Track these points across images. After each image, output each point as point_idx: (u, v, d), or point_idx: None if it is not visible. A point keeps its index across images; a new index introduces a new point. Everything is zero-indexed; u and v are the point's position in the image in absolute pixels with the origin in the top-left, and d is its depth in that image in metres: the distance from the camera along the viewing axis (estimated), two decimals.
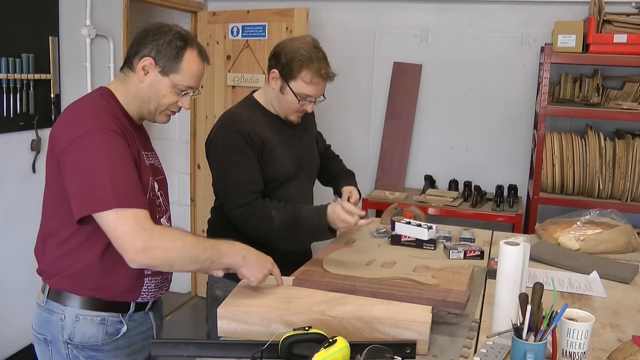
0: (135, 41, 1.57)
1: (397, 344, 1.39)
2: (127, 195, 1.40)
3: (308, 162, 2.22)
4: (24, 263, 2.96)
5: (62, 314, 1.53)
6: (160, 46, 1.53)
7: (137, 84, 1.56)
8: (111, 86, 1.60)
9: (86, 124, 1.44)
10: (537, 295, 1.29)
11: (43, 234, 1.57)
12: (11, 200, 2.92)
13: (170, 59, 1.54)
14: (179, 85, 1.56)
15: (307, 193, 2.23)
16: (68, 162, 1.43)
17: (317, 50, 2.00)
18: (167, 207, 1.68)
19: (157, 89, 1.56)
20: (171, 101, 1.58)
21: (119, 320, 1.57)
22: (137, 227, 1.38)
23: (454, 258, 2.13)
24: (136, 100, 1.58)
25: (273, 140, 2.05)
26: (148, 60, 1.53)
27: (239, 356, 1.37)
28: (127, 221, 1.38)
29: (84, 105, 1.53)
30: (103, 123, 1.45)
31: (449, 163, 4.06)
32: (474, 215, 3.56)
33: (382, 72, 4.13)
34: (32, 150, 2.98)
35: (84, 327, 1.53)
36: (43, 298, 1.57)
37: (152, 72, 1.54)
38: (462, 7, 3.93)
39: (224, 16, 4.13)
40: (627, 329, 1.60)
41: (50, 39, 3.02)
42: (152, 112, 1.59)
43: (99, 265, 1.50)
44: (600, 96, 3.60)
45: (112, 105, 1.54)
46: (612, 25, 3.27)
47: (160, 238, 1.40)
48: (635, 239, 2.35)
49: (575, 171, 3.41)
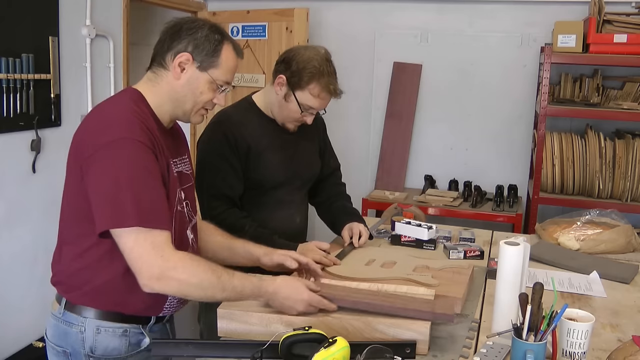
0: (165, 37, 1.47)
1: (397, 344, 1.39)
2: (151, 214, 1.32)
3: (304, 170, 2.15)
4: (23, 263, 2.96)
5: (81, 326, 1.45)
6: (198, 40, 1.44)
7: (172, 82, 1.46)
8: (140, 87, 1.49)
9: (114, 132, 1.35)
10: (537, 295, 1.29)
11: (61, 241, 1.49)
12: (11, 200, 2.91)
13: (209, 54, 1.45)
14: (218, 80, 1.48)
15: (299, 201, 2.17)
16: (92, 171, 1.35)
17: (329, 64, 1.96)
18: (191, 217, 1.60)
19: (195, 85, 1.46)
20: (208, 98, 1.49)
21: (140, 332, 1.50)
22: (154, 253, 1.32)
23: (454, 258, 2.12)
24: (170, 100, 1.48)
25: (262, 144, 2.00)
26: (185, 55, 1.44)
27: (239, 356, 1.37)
28: (145, 244, 1.31)
29: (113, 109, 1.43)
30: (133, 133, 1.35)
31: (449, 163, 4.06)
32: (474, 215, 3.56)
33: (382, 72, 4.13)
34: (32, 150, 2.98)
35: (106, 339, 1.46)
36: (59, 309, 1.48)
37: (189, 68, 1.45)
38: (462, 7, 3.93)
39: (224, 16, 4.13)
40: (627, 329, 1.60)
41: (50, 39, 3.02)
42: (188, 111, 1.50)
43: (122, 281, 1.41)
44: (600, 96, 3.60)
45: (143, 111, 1.44)
46: (612, 25, 3.27)
47: (177, 269, 1.34)
48: (635, 239, 2.35)
49: (575, 171, 3.41)
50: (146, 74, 1.52)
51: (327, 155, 2.31)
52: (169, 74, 1.46)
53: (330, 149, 2.34)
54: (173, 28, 1.47)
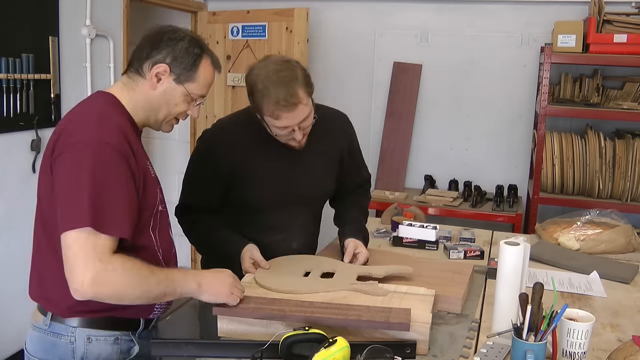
0: (145, 44, 1.47)
1: (397, 344, 1.39)
2: (105, 218, 1.28)
3: (305, 190, 1.95)
4: (23, 263, 2.94)
5: (71, 337, 1.42)
6: (177, 53, 1.44)
7: (148, 91, 1.46)
8: (114, 91, 1.48)
9: (83, 133, 1.34)
10: (537, 295, 1.29)
11: (42, 252, 1.43)
12: (11, 200, 2.92)
13: (187, 67, 1.45)
14: (193, 94, 1.48)
15: (300, 224, 1.99)
16: (57, 171, 1.33)
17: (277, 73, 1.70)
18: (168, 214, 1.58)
19: (170, 97, 1.47)
20: (182, 110, 1.50)
21: (130, 339, 1.50)
22: (93, 256, 1.26)
23: (454, 258, 2.13)
24: (144, 108, 1.48)
25: (253, 161, 1.87)
26: (162, 67, 1.44)
27: (239, 356, 1.37)
28: (85, 244, 1.26)
29: (88, 111, 1.42)
30: (102, 135, 1.33)
31: (449, 163, 4.06)
32: (474, 215, 3.56)
33: (382, 72, 4.13)
34: (32, 150, 2.98)
35: (97, 347, 1.44)
36: (45, 320, 1.44)
37: (166, 80, 1.45)
38: (462, 7, 3.93)
39: (224, 16, 4.13)
40: (627, 329, 1.60)
41: (50, 39, 3.02)
42: (160, 120, 1.51)
43: None
44: (600, 96, 3.60)
45: (120, 114, 1.43)
46: (612, 25, 3.27)
47: (114, 271, 1.29)
48: (635, 239, 2.35)
49: (575, 171, 3.41)
50: (121, 77, 1.52)
51: (354, 167, 2.10)
52: (145, 83, 1.46)
53: (358, 159, 2.11)
54: (154, 36, 1.47)
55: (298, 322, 1.43)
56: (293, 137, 1.79)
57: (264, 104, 1.70)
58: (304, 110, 1.73)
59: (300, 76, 1.72)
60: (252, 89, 1.73)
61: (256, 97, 1.72)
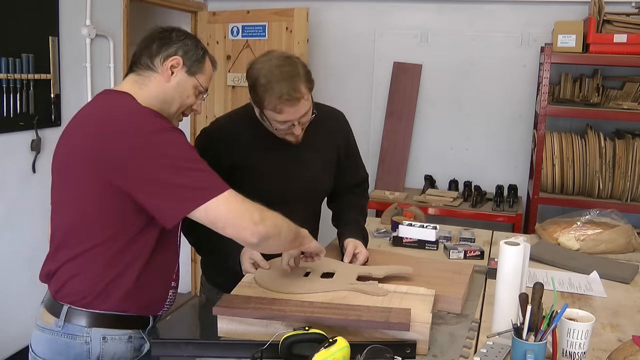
0: (152, 41, 1.52)
1: (397, 344, 1.39)
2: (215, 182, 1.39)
3: (303, 187, 1.96)
4: (24, 263, 2.96)
5: (87, 337, 1.45)
6: (188, 46, 1.53)
7: (162, 84, 1.50)
8: (126, 89, 1.50)
9: (152, 122, 1.39)
10: (537, 295, 1.30)
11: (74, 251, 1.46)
12: (11, 200, 2.92)
13: (197, 60, 1.54)
14: (202, 85, 1.56)
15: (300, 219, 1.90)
16: (139, 166, 1.34)
17: (282, 68, 1.73)
18: None
19: (183, 88, 1.53)
20: (192, 102, 1.56)
21: (141, 337, 1.52)
22: (248, 202, 1.40)
23: (454, 258, 2.13)
24: (158, 101, 1.50)
25: (253, 158, 1.88)
26: (176, 59, 1.51)
27: (239, 356, 1.37)
28: (237, 199, 1.39)
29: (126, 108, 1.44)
30: (166, 123, 1.42)
31: (449, 163, 4.06)
32: (474, 215, 3.56)
33: (382, 72, 4.13)
34: (32, 150, 2.98)
35: (113, 346, 1.47)
36: (57, 322, 1.46)
37: (179, 72, 1.51)
38: (462, 7, 3.93)
39: (224, 16, 4.13)
40: (627, 329, 1.60)
41: (50, 39, 3.01)
42: (172, 114, 1.54)
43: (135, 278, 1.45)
44: (600, 96, 3.60)
45: None
46: (612, 25, 3.27)
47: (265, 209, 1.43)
48: (635, 239, 2.35)
49: (575, 171, 3.41)
50: (128, 77, 1.54)
51: (352, 165, 2.10)
52: (158, 77, 1.51)
53: (355, 157, 2.12)
54: (163, 33, 1.54)
55: (298, 322, 1.43)
56: (292, 131, 1.82)
57: (266, 98, 1.73)
58: (305, 105, 1.77)
59: (302, 71, 1.76)
60: (255, 83, 1.75)
61: (259, 91, 1.74)
